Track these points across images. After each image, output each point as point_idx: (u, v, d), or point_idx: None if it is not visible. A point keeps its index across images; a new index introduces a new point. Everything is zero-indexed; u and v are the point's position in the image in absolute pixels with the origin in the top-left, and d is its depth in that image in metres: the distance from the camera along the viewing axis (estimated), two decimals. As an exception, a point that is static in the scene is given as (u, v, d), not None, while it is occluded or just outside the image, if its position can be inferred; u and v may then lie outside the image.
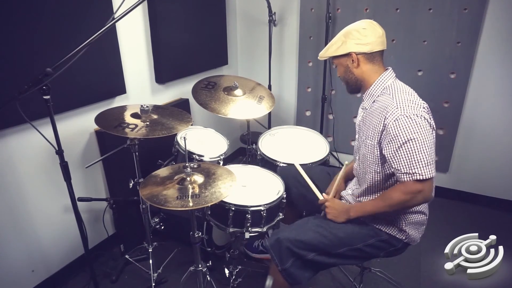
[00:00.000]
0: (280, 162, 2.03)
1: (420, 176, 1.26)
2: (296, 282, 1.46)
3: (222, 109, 2.12)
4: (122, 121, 1.70)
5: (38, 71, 1.28)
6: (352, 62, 1.43)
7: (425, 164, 1.26)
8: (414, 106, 1.31)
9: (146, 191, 1.41)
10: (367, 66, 1.42)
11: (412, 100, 1.34)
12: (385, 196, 1.37)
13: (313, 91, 3.17)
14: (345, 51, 1.41)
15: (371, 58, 1.41)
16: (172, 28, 2.47)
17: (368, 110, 1.46)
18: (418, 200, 1.30)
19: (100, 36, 1.31)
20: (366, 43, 1.38)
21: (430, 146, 1.28)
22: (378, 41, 1.39)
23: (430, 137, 1.29)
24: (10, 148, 1.71)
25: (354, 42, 1.39)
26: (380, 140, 1.37)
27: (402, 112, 1.29)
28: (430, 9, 2.55)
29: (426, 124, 1.29)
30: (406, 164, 1.28)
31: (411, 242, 1.50)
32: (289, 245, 1.43)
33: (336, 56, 1.46)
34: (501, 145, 2.62)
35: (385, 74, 1.44)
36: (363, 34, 1.38)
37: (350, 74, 1.47)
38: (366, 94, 1.47)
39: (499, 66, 2.47)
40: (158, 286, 2.03)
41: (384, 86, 1.43)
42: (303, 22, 3.03)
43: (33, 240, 1.88)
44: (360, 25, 1.41)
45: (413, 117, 1.28)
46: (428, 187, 1.29)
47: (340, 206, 1.51)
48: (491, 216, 2.69)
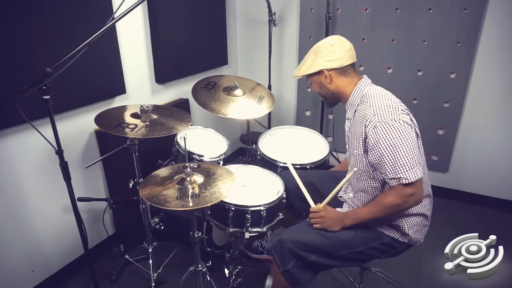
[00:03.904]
0: (280, 162, 2.03)
1: (406, 180, 1.29)
2: (297, 283, 1.46)
3: (222, 109, 2.12)
4: (122, 121, 1.70)
5: (38, 71, 1.28)
6: (325, 78, 1.47)
7: (409, 168, 1.28)
8: (391, 111, 1.33)
9: (146, 191, 1.41)
10: (340, 80, 1.46)
11: (389, 105, 1.35)
12: (378, 202, 1.39)
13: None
14: (316, 69, 1.46)
15: (342, 72, 1.45)
16: (172, 28, 2.47)
17: (352, 120, 1.48)
18: (410, 203, 1.32)
19: (100, 36, 1.31)
20: (335, 58, 1.42)
21: (412, 148, 1.29)
22: (347, 55, 1.43)
23: (411, 139, 1.30)
24: (10, 148, 1.71)
25: (323, 59, 1.44)
26: (366, 149, 1.39)
27: (380, 119, 1.31)
28: (430, 9, 2.55)
29: (406, 127, 1.30)
30: (390, 169, 1.31)
31: (415, 244, 1.51)
32: (291, 247, 1.43)
33: (309, 74, 1.50)
34: (501, 145, 2.62)
35: (361, 83, 1.46)
36: (332, 51, 1.43)
37: (326, 90, 1.51)
38: (347, 105, 1.50)
39: (499, 66, 2.47)
40: (158, 286, 2.03)
41: (361, 94, 1.44)
42: (303, 22, 3.03)
43: (33, 240, 1.88)
44: (328, 42, 1.45)
45: (391, 123, 1.30)
46: (419, 189, 1.31)
47: (334, 214, 1.48)
48: (491, 216, 2.69)
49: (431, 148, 2.82)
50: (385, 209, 1.36)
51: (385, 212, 1.37)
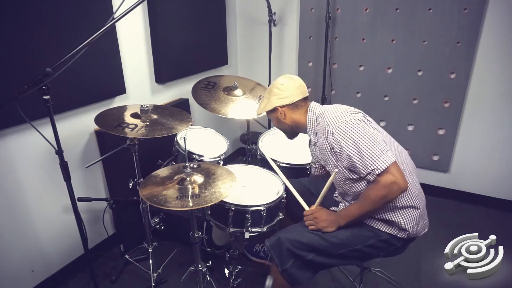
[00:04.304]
0: (280, 162, 2.03)
1: (379, 170, 1.33)
2: (296, 282, 1.47)
3: (222, 109, 2.12)
4: (122, 121, 1.70)
5: (38, 71, 1.28)
6: (280, 114, 1.59)
7: (376, 157, 1.33)
8: (341, 115, 1.44)
9: (146, 191, 1.41)
10: (294, 114, 1.59)
11: (339, 112, 1.46)
12: (364, 197, 1.42)
13: (313, 91, 3.17)
14: (271, 106, 1.59)
15: (295, 107, 1.58)
16: (172, 28, 2.47)
17: (318, 142, 1.56)
18: (394, 191, 1.34)
19: (100, 36, 1.31)
20: (286, 96, 1.56)
21: (372, 139, 1.36)
22: (297, 92, 1.57)
23: (368, 132, 1.38)
24: (10, 148, 1.71)
25: (276, 98, 1.57)
26: (337, 158, 1.45)
27: (334, 125, 1.42)
28: (430, 9, 2.55)
29: (358, 123, 1.40)
30: (362, 166, 1.36)
31: (413, 237, 1.50)
32: (289, 246, 1.44)
33: (267, 111, 1.64)
34: (501, 145, 2.62)
35: (311, 107, 1.57)
36: (282, 89, 1.56)
37: (283, 124, 1.64)
38: (308, 131, 1.60)
39: (499, 66, 2.47)
40: (158, 286, 2.03)
41: (315, 116, 1.56)
42: (303, 22, 3.03)
43: (33, 240, 1.88)
44: (279, 81, 1.59)
45: (344, 125, 1.40)
46: (397, 175, 1.33)
47: (327, 215, 1.50)
48: (491, 216, 2.69)
49: (431, 148, 2.82)
50: (373, 203, 1.39)
51: (374, 206, 1.39)
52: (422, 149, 2.85)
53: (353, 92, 2.99)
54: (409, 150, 2.88)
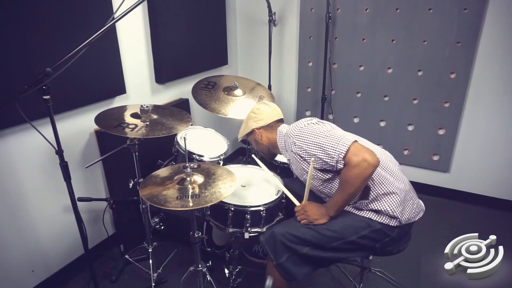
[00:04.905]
0: (279, 162, 2.03)
1: (343, 154, 1.39)
2: (292, 277, 1.47)
3: (222, 109, 2.13)
4: (122, 121, 1.70)
5: (38, 71, 1.28)
6: (258, 135, 1.74)
7: (336, 144, 1.41)
8: (298, 124, 1.59)
9: (146, 191, 1.41)
10: (269, 134, 1.73)
11: (296, 124, 1.61)
12: (342, 182, 1.45)
13: (313, 91, 3.17)
14: (249, 129, 1.75)
15: (269, 128, 1.73)
16: (172, 28, 2.47)
17: (292, 159, 1.63)
18: (365, 167, 1.36)
19: (100, 36, 1.31)
20: (261, 118, 1.72)
21: (327, 133, 1.48)
22: (270, 114, 1.73)
23: (321, 129, 1.50)
24: (10, 148, 1.71)
25: (252, 121, 1.74)
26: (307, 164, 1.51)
27: (293, 136, 1.54)
28: (430, 9, 2.55)
29: (312, 125, 1.55)
30: (329, 159, 1.43)
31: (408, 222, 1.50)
32: (283, 240, 1.45)
33: (246, 134, 1.79)
34: (501, 145, 2.62)
35: (279, 129, 1.71)
36: (257, 113, 1.73)
37: (261, 145, 1.76)
38: (281, 150, 1.72)
39: (499, 66, 2.47)
40: (158, 286, 2.03)
41: (283, 135, 1.68)
42: (303, 22, 3.03)
43: (33, 240, 1.88)
44: (255, 107, 1.77)
45: (299, 132, 1.53)
46: (362, 152, 1.38)
47: (317, 208, 1.53)
48: (491, 216, 2.69)
49: (431, 148, 2.82)
50: (351, 185, 1.40)
51: (353, 187, 1.40)
52: (422, 149, 2.85)
53: (353, 92, 2.99)
54: (409, 150, 2.88)
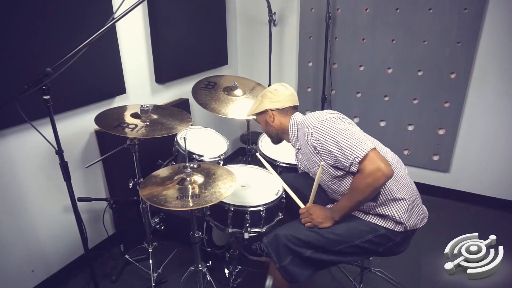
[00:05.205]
0: (280, 162, 2.03)
1: (359, 158, 1.35)
2: (294, 280, 1.46)
3: (222, 109, 2.13)
4: (122, 121, 1.70)
5: (38, 71, 1.28)
6: (269, 117, 1.69)
7: (354, 147, 1.37)
8: (318, 116, 1.52)
9: (146, 191, 1.41)
10: (282, 119, 1.67)
11: (315, 115, 1.55)
12: (352, 188, 1.43)
13: (313, 91, 3.17)
14: (262, 108, 1.70)
15: (284, 113, 1.67)
16: (172, 28, 2.47)
17: (301, 149, 1.61)
18: (379, 178, 1.34)
19: (100, 36, 1.31)
20: (278, 100, 1.66)
21: (348, 132, 1.42)
22: (288, 98, 1.67)
23: (343, 126, 1.45)
24: (10, 148, 1.71)
25: (268, 101, 1.68)
26: (320, 158, 1.49)
27: (312, 127, 1.49)
28: (430, 9, 2.55)
29: (333, 120, 1.48)
30: (343, 158, 1.40)
31: (412, 229, 1.49)
32: (286, 242, 1.44)
33: (257, 113, 1.75)
34: (501, 145, 2.62)
35: (293, 116, 1.66)
36: (275, 94, 1.67)
37: (270, 127, 1.72)
38: (291, 138, 1.67)
39: (499, 66, 2.47)
40: (158, 286, 2.03)
41: (297, 123, 1.63)
42: (303, 22, 3.03)
43: (33, 240, 1.88)
44: (272, 87, 1.71)
45: (320, 124, 1.47)
46: (380, 162, 1.34)
47: (321, 211, 1.51)
48: (491, 216, 2.69)
49: (431, 148, 2.82)
50: (361, 193, 1.39)
51: (363, 195, 1.39)
52: (422, 149, 2.85)
53: (353, 92, 2.99)
54: (409, 150, 2.88)
